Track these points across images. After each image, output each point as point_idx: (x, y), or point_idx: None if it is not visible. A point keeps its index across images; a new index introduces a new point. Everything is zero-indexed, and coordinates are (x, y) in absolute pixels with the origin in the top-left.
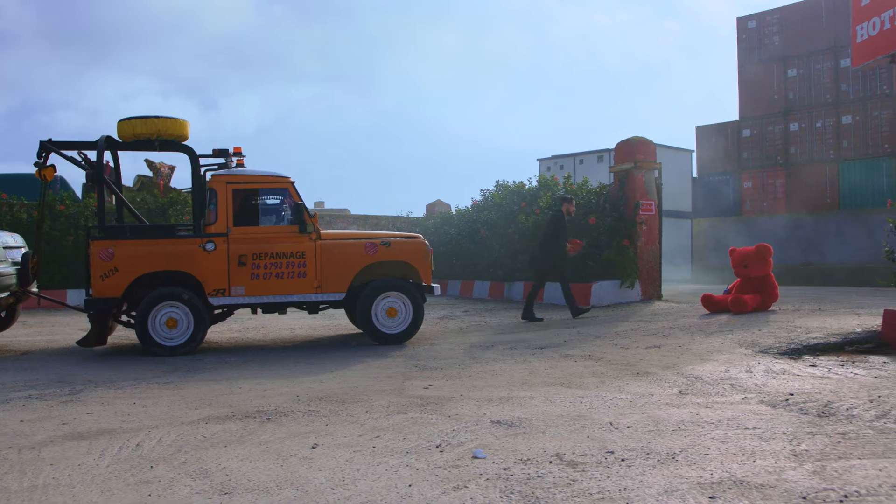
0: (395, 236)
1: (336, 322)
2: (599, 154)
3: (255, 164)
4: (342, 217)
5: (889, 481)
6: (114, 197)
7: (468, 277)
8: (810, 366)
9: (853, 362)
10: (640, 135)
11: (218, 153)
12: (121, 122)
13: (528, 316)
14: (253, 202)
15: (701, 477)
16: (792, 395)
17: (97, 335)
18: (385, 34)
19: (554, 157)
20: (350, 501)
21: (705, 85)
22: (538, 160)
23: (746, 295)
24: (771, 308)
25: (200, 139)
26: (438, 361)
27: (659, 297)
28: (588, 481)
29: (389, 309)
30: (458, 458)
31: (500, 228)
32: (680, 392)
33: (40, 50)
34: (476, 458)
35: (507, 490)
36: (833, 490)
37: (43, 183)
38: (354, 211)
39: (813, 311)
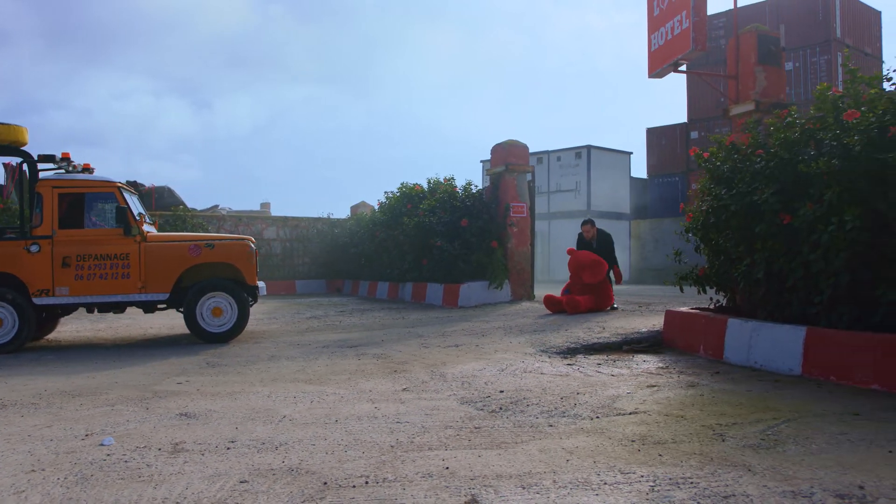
0: (220, 238)
1: None
2: (539, 156)
3: (247, 164)
4: (261, 219)
5: (427, 470)
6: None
7: (374, 278)
8: (567, 364)
9: (614, 361)
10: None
11: (44, 158)
12: None
13: None
14: (79, 206)
15: (268, 465)
16: (502, 392)
17: None
18: (381, 35)
19: None
20: None
21: None
22: (481, 161)
23: (580, 296)
24: (607, 308)
25: (194, 139)
26: (235, 359)
27: (530, 298)
28: (161, 466)
29: (215, 308)
30: (86, 446)
31: (391, 230)
32: (404, 389)
33: (32, 49)
34: (102, 445)
35: (75, 472)
36: (366, 476)
37: None
38: (287, 212)
39: (634, 312)
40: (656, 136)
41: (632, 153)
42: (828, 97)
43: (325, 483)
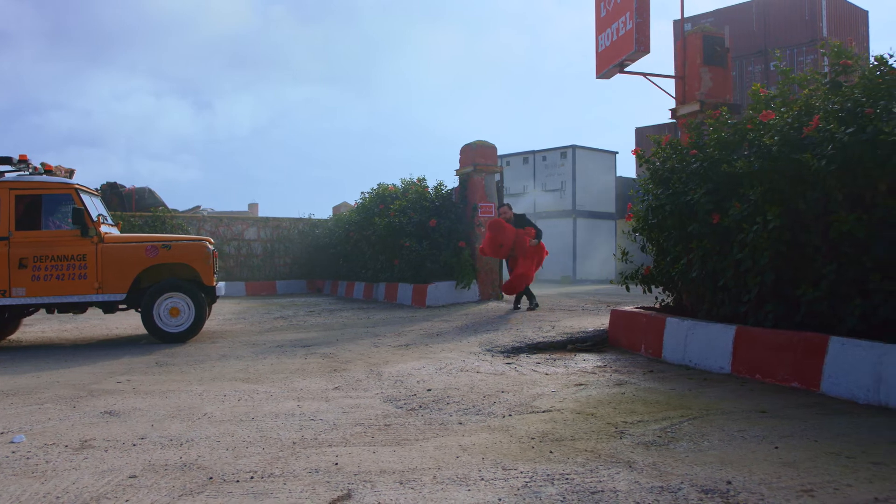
0: (177, 239)
1: None
2: (524, 156)
3: (246, 164)
4: (242, 220)
5: (316, 466)
6: None
7: (352, 279)
8: (507, 363)
9: (554, 360)
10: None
11: (1, 160)
12: None
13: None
14: (36, 207)
15: (165, 460)
16: (430, 390)
17: None
18: (383, 36)
19: None
20: None
21: None
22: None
23: (511, 275)
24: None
25: (194, 139)
26: (185, 359)
27: (498, 298)
28: (60, 462)
29: (172, 309)
30: None
31: (364, 230)
32: (335, 387)
33: (33, 50)
34: (12, 442)
35: None
36: (254, 472)
37: None
38: (280, 213)
39: (589, 311)
40: (645, 136)
41: (617, 153)
42: (760, 97)
43: (211, 478)
